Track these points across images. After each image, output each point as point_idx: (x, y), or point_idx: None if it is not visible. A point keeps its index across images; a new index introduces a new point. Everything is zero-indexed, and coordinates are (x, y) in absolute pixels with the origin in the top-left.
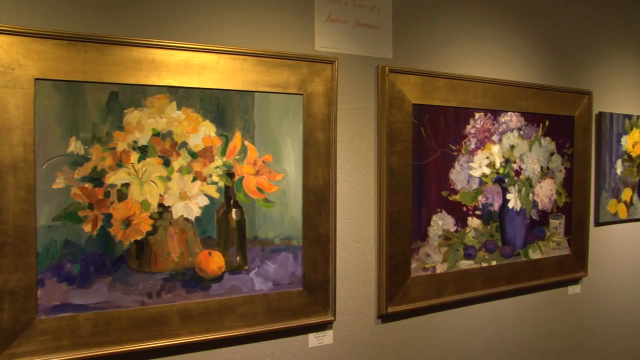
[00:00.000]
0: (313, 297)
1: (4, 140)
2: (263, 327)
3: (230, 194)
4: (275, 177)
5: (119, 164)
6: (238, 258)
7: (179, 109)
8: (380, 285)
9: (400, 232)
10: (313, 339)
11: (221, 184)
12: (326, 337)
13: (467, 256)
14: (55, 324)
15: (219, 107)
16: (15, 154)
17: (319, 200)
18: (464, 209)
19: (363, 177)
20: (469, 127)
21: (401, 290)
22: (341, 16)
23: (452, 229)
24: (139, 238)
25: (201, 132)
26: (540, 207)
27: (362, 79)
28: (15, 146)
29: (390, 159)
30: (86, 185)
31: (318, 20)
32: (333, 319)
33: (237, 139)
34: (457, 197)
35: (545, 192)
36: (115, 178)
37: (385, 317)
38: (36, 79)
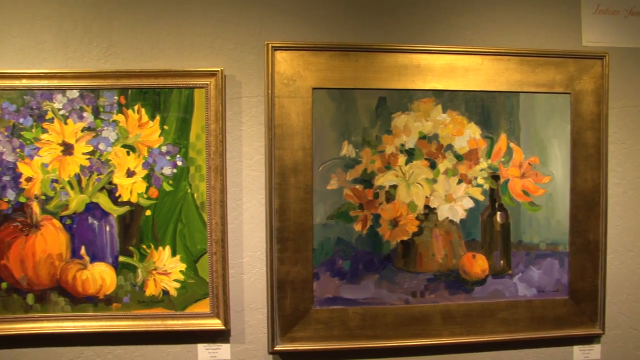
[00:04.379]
0: (579, 307)
1: (287, 145)
2: (525, 334)
3: (495, 197)
4: (542, 179)
5: (387, 167)
6: (502, 262)
7: (444, 111)
8: None
9: None
10: (578, 352)
11: (486, 186)
12: (593, 352)
13: None
14: (327, 315)
15: (484, 109)
16: (296, 157)
17: (588, 204)
18: None
19: (637, 180)
20: None
21: None
22: (611, 7)
23: None
24: (405, 238)
25: (466, 135)
26: None
27: (635, 74)
28: (296, 150)
29: None
30: (357, 186)
31: (585, 14)
32: (601, 332)
33: (502, 141)
34: None
35: None
36: (384, 180)
37: None
38: (313, 88)
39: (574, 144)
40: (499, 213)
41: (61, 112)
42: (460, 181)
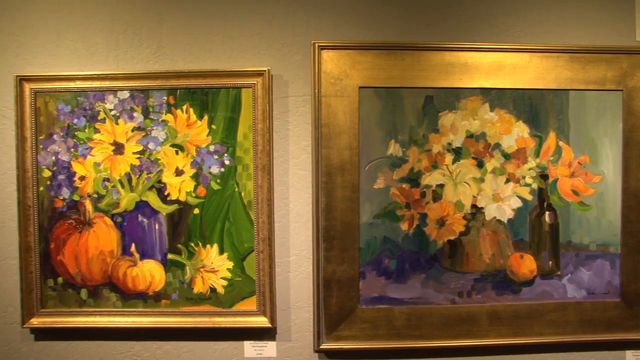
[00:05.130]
0: (632, 310)
1: (334, 144)
2: (574, 337)
3: (543, 196)
4: (592, 179)
5: (434, 166)
6: (550, 263)
7: (491, 110)
8: None
9: None
10: (631, 357)
11: (534, 185)
12: None
13: None
14: (373, 314)
15: (532, 107)
16: (343, 156)
17: None
18: None
19: None
20: None
21: None
22: None
23: None
24: (452, 238)
25: (514, 133)
26: None
27: None
28: (342, 149)
29: None
30: (404, 185)
31: (639, 8)
32: None
33: (551, 139)
34: None
35: None
36: (431, 179)
37: None
38: (360, 87)
39: (627, 142)
40: (547, 213)
41: (112, 113)
42: (508, 180)
